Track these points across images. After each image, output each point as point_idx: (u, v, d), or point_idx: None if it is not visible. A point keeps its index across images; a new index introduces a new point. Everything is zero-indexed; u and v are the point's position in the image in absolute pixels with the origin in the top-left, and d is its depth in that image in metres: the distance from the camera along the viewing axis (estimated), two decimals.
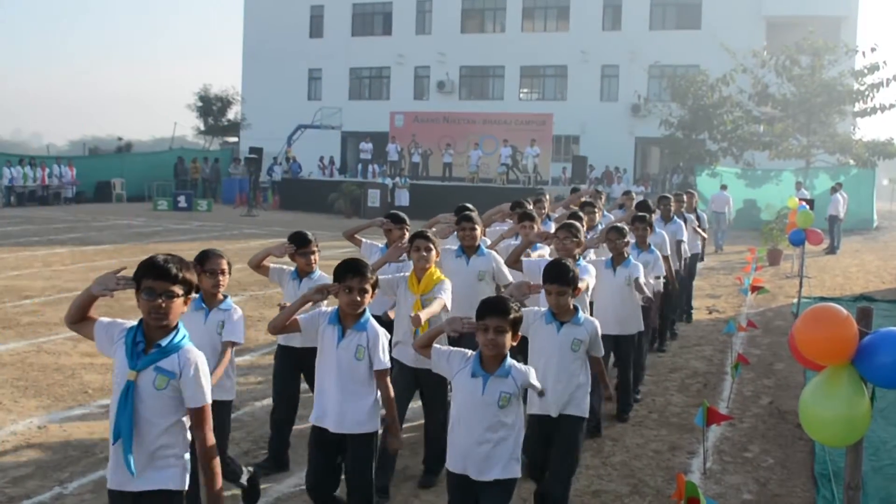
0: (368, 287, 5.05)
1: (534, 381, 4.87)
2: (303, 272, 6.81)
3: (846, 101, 36.07)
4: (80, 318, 3.94)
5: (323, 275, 6.70)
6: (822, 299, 14.71)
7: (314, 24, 52.28)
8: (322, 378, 5.20)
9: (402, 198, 32.63)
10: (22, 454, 6.93)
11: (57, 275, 16.21)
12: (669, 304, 11.54)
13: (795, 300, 14.58)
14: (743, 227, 30.14)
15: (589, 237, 8.50)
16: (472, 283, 7.18)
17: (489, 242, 8.33)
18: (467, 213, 7.63)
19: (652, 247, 9.32)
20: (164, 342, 3.75)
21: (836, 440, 3.77)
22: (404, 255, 6.99)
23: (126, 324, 3.87)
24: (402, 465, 6.65)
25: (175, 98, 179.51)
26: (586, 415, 5.79)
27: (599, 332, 5.83)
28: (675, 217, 11.98)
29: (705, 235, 13.97)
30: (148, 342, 3.75)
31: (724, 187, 27.89)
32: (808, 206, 16.01)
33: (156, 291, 3.69)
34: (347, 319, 5.12)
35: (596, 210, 10.55)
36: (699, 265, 15.17)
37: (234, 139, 51.74)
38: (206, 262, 5.78)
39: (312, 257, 6.83)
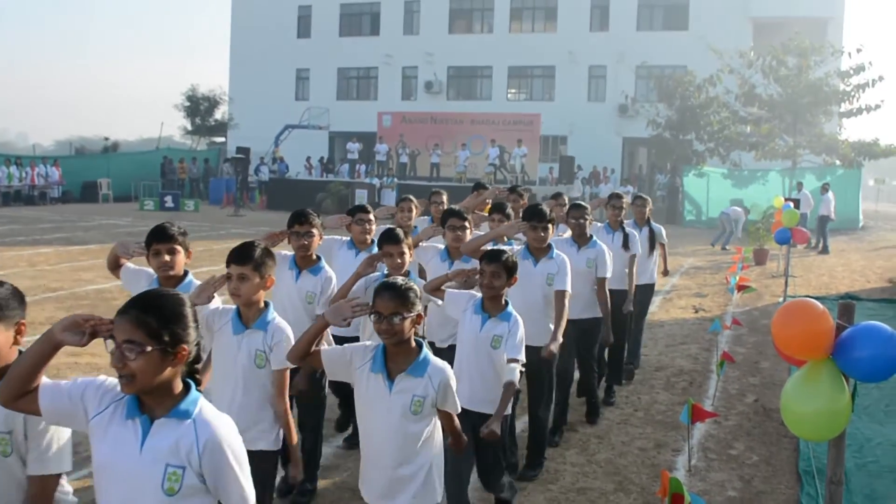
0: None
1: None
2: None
3: (832, 102, 36.21)
4: None
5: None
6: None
7: (302, 24, 52.25)
8: None
9: (389, 198, 32.64)
10: None
11: (42, 274, 16.14)
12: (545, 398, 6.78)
13: (781, 299, 14.63)
14: None
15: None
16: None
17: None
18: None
19: (509, 308, 5.36)
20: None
21: (817, 435, 3.78)
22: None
23: None
24: None
25: (162, 98, 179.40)
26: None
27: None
28: (600, 235, 8.51)
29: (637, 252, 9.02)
30: None
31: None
32: (793, 206, 16.10)
33: None
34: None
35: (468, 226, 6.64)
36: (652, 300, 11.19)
37: (222, 139, 51.68)
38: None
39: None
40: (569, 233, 7.91)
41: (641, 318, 10.15)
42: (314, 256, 6.00)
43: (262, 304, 4.58)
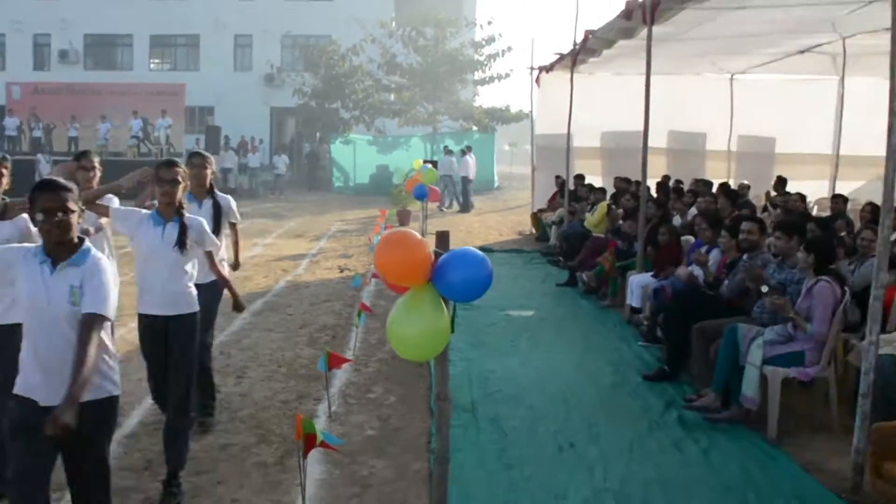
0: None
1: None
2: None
3: (467, 71, 38.50)
4: None
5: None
6: None
7: None
8: None
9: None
10: None
11: None
12: None
13: None
14: (376, 193, 31.22)
15: None
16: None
17: None
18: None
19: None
20: None
21: (422, 354, 4.05)
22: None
23: None
24: None
25: None
26: None
27: None
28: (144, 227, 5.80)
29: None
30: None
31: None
32: (431, 166, 16.98)
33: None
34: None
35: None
36: None
37: None
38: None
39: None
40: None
41: (207, 330, 6.85)
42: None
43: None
